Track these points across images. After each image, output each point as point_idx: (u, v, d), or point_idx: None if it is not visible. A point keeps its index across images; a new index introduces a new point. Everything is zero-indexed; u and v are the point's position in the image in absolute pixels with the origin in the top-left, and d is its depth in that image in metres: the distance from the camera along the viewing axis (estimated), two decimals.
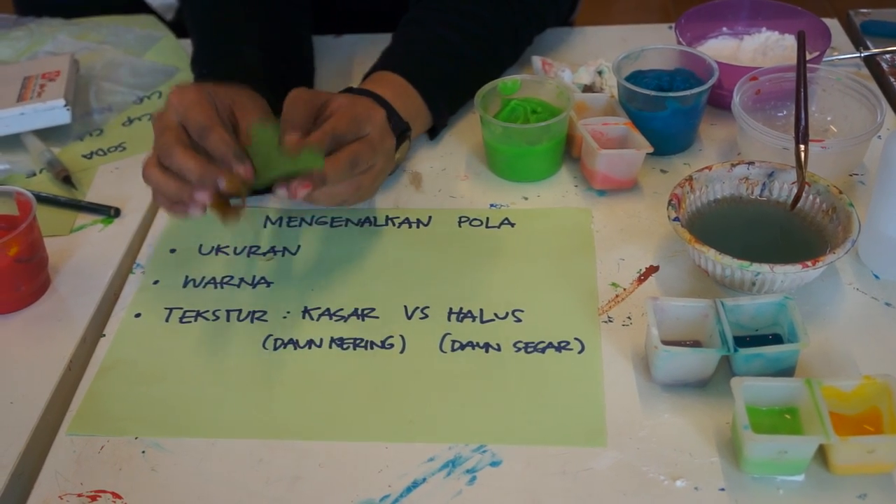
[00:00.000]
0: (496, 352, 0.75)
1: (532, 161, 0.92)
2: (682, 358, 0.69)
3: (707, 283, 0.80)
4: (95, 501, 0.66)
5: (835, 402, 0.65)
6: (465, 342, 0.76)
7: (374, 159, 0.81)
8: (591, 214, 0.88)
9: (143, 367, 0.76)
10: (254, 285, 0.84)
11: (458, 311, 0.79)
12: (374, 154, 0.80)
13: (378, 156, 0.81)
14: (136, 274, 0.86)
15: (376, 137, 0.81)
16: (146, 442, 0.70)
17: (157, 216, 0.93)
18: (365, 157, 0.79)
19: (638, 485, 0.64)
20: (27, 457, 0.70)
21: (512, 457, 0.67)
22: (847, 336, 0.74)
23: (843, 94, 0.92)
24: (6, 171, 0.99)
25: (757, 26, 1.08)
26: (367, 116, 0.80)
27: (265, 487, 0.66)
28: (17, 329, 0.81)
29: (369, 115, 0.81)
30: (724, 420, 0.68)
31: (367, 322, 0.79)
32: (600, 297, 0.79)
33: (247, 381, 0.75)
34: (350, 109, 0.80)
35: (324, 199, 0.79)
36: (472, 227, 0.88)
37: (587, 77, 1.02)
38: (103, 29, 1.22)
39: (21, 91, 1.02)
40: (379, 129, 0.81)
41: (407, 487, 0.65)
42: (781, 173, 0.82)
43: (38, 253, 0.82)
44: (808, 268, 0.72)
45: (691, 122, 0.95)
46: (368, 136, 0.80)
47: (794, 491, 0.63)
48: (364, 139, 0.79)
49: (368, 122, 0.80)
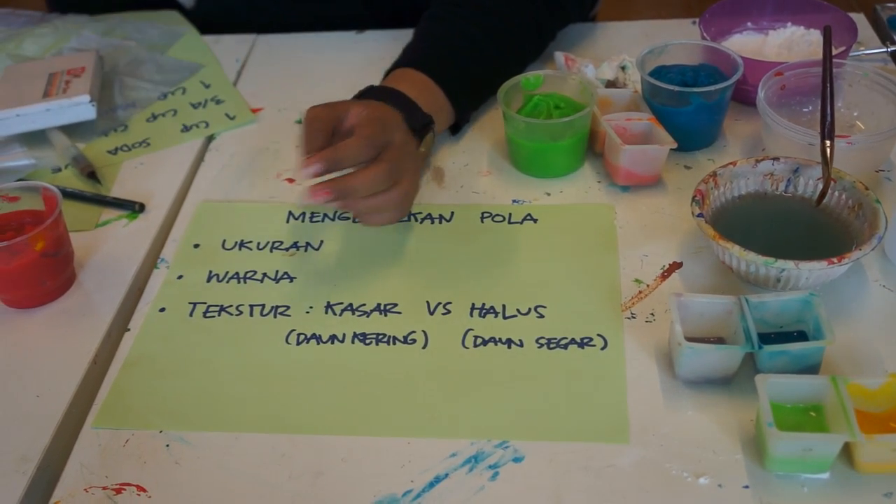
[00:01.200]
0: (518, 348, 0.75)
1: (555, 157, 0.92)
2: (706, 355, 0.68)
3: (731, 280, 0.79)
4: (120, 494, 0.66)
5: (860, 400, 0.64)
6: (488, 338, 0.76)
7: (407, 164, 0.82)
8: (614, 210, 0.88)
9: (167, 361, 0.77)
10: (277, 280, 0.84)
11: (481, 306, 0.79)
12: (404, 158, 0.81)
13: (409, 159, 0.83)
14: (161, 269, 0.86)
15: (402, 141, 0.82)
16: (170, 436, 0.71)
17: (180, 212, 0.93)
18: (398, 162, 0.80)
19: (661, 482, 0.64)
20: (53, 450, 0.71)
21: (534, 453, 0.67)
22: (873, 333, 0.74)
23: (870, 89, 0.92)
24: (32, 167, 1.00)
25: (782, 21, 1.07)
26: (391, 121, 0.82)
27: (288, 482, 0.66)
28: (43, 323, 0.81)
29: (392, 119, 0.82)
30: (748, 417, 0.68)
31: (389, 317, 0.79)
32: (623, 294, 0.79)
33: (270, 375, 0.75)
34: (373, 114, 0.81)
35: (368, 211, 0.82)
36: (494, 222, 0.88)
37: (610, 72, 1.01)
38: (127, 25, 1.23)
39: (47, 87, 1.03)
40: (403, 132, 0.83)
41: (429, 483, 0.65)
42: (807, 169, 0.81)
43: (63, 248, 0.83)
44: (834, 264, 0.72)
45: (715, 118, 0.94)
46: (395, 141, 0.81)
47: (818, 489, 0.63)
48: (393, 146, 0.81)
49: (393, 127, 0.82)
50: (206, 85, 1.13)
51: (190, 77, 1.14)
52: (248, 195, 0.95)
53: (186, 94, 1.12)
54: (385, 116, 0.82)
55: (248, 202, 0.93)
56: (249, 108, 1.08)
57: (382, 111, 0.83)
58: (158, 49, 1.19)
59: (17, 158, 1.01)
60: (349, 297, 0.81)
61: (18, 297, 0.82)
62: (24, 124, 1.01)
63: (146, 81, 1.13)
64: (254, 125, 1.06)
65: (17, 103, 1.00)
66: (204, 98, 1.11)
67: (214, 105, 1.09)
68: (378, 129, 0.81)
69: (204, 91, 1.12)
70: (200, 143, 1.04)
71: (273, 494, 0.66)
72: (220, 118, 1.07)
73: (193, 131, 1.05)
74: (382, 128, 0.81)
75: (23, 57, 1.16)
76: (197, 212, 0.92)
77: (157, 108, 1.09)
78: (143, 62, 1.16)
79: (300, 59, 1.16)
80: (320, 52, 1.17)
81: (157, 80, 1.13)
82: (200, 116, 1.07)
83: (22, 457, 0.70)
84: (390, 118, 0.83)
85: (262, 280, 0.84)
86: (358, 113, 0.82)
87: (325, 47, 1.18)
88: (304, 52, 1.18)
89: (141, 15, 1.25)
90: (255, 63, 1.18)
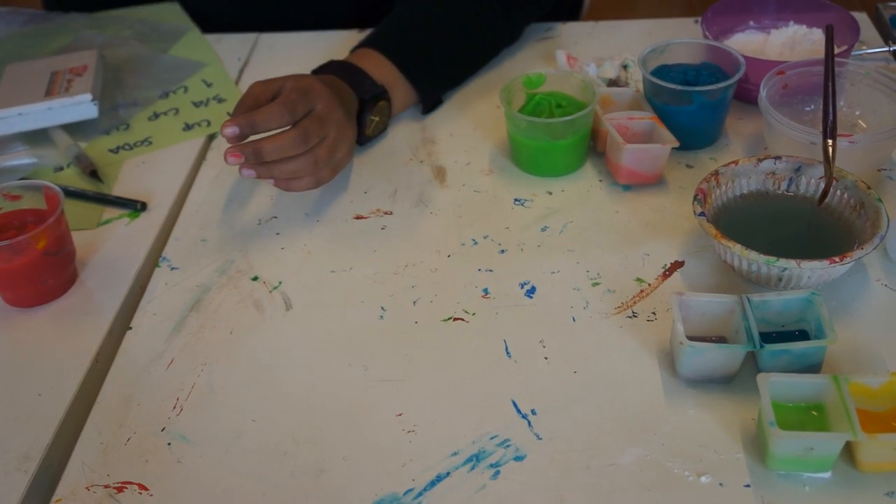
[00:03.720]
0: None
1: (557, 155, 0.92)
2: (708, 354, 0.68)
3: (733, 279, 0.79)
4: (122, 493, 0.67)
5: (862, 399, 0.64)
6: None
7: (325, 131, 0.85)
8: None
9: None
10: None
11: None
12: (322, 126, 0.85)
13: (329, 127, 0.85)
14: (163, 267, 0.86)
15: (324, 110, 0.85)
16: (172, 434, 0.71)
17: (182, 210, 0.93)
18: (314, 129, 0.84)
19: (662, 480, 0.64)
20: (55, 448, 0.71)
21: (536, 451, 0.67)
22: (875, 332, 0.74)
23: (872, 88, 0.91)
24: (34, 166, 1.00)
25: (784, 20, 1.07)
26: (314, 91, 0.86)
27: (289, 480, 0.67)
28: (45, 322, 0.82)
29: (319, 90, 0.86)
30: (750, 416, 0.68)
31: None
32: (625, 293, 0.79)
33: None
34: (299, 84, 0.85)
35: (284, 176, 0.85)
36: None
37: (612, 71, 1.01)
38: (129, 24, 1.23)
39: (49, 86, 1.03)
40: (325, 101, 0.86)
41: (431, 481, 0.65)
42: (809, 168, 0.81)
43: (65, 246, 0.83)
44: (836, 263, 0.72)
45: (717, 117, 0.94)
46: (317, 110, 0.85)
47: (820, 488, 0.63)
48: (313, 114, 0.85)
49: (316, 96, 0.85)
50: (207, 83, 1.13)
51: (192, 76, 1.14)
52: (249, 194, 0.95)
53: (188, 92, 1.12)
54: (311, 87, 0.86)
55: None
56: None
57: (310, 82, 0.87)
58: (160, 48, 1.19)
59: (19, 157, 1.01)
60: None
61: (20, 295, 0.82)
62: (26, 123, 1.01)
63: (148, 80, 1.13)
64: None
65: (19, 102, 1.00)
66: (206, 97, 1.11)
67: (216, 104, 1.09)
68: (298, 97, 0.84)
69: (206, 90, 1.12)
70: (202, 141, 1.04)
71: (275, 493, 0.66)
72: (223, 117, 1.07)
73: (195, 130, 1.05)
74: (303, 96, 0.84)
75: (25, 56, 1.16)
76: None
77: (159, 107, 1.10)
78: (145, 61, 1.16)
79: (302, 57, 1.16)
80: (322, 50, 1.17)
81: (159, 79, 1.14)
82: (202, 115, 1.07)
83: (24, 455, 0.70)
84: (317, 89, 0.86)
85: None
86: (289, 85, 0.86)
87: (326, 46, 1.18)
88: (306, 50, 1.18)
89: (142, 9, 1.25)
90: (256, 62, 1.18)
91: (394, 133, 1.02)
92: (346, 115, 0.89)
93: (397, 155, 0.99)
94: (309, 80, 0.87)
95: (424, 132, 1.02)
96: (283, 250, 0.87)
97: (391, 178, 0.95)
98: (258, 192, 0.95)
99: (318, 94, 0.86)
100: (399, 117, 1.04)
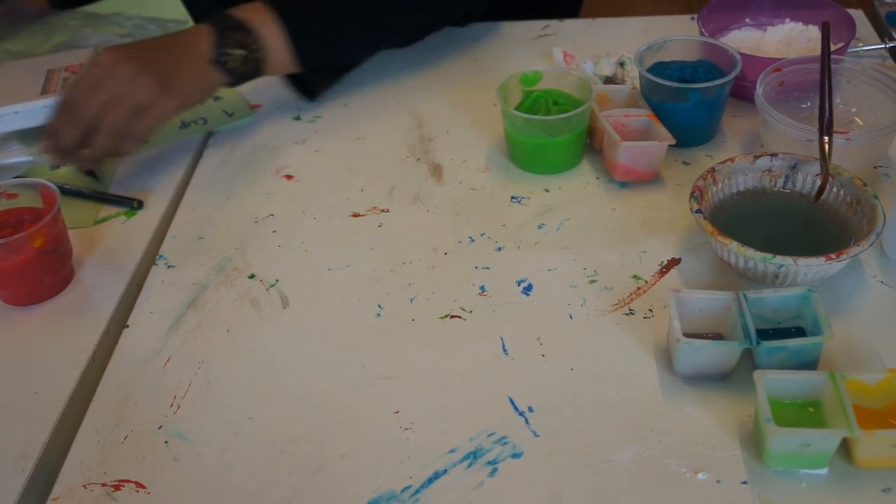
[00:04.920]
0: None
1: (553, 153, 0.92)
2: (704, 351, 0.68)
3: (729, 276, 0.79)
4: (119, 491, 0.66)
5: (859, 396, 0.64)
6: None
7: (111, 92, 0.87)
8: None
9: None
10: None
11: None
12: (96, 90, 0.87)
13: (114, 84, 0.87)
14: (159, 265, 0.86)
15: (99, 74, 0.87)
16: (169, 432, 0.71)
17: (179, 208, 0.93)
18: (78, 98, 0.87)
19: (660, 477, 0.64)
20: (52, 447, 0.71)
21: (533, 449, 0.67)
22: (871, 329, 0.74)
23: (868, 85, 0.92)
24: (30, 164, 1.00)
25: (780, 17, 1.07)
26: (89, 58, 0.88)
27: (287, 478, 0.67)
28: (42, 320, 0.81)
29: (91, 55, 0.89)
30: (747, 413, 0.68)
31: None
32: (622, 290, 0.79)
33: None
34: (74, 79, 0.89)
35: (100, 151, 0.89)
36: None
37: (609, 68, 1.01)
38: (126, 22, 1.22)
39: (45, 84, 1.03)
40: (92, 58, 0.89)
41: (428, 479, 0.66)
42: (805, 165, 0.81)
43: (62, 245, 0.83)
44: (832, 260, 0.72)
45: (714, 114, 0.94)
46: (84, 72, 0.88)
47: (817, 484, 0.63)
48: (81, 82, 0.88)
49: (90, 61, 0.88)
50: None
51: None
52: (245, 192, 0.95)
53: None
54: (83, 69, 0.88)
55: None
56: (248, 105, 1.08)
57: (84, 66, 0.89)
58: None
59: (15, 155, 1.01)
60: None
61: (17, 293, 0.82)
62: (22, 121, 1.00)
63: None
64: (252, 122, 1.06)
65: (15, 100, 1.00)
66: None
67: (213, 102, 1.09)
68: (70, 90, 0.88)
69: None
70: (199, 139, 1.04)
71: (272, 491, 0.66)
72: (219, 115, 1.07)
73: (192, 128, 1.05)
74: (75, 85, 0.88)
75: (21, 54, 1.16)
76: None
77: None
78: None
79: None
80: None
81: None
82: (199, 113, 1.07)
83: (21, 454, 0.70)
84: (89, 57, 0.90)
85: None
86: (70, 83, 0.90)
87: None
88: None
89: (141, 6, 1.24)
90: None
91: (390, 130, 1.02)
92: (142, 65, 0.88)
93: (394, 152, 0.99)
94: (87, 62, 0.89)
95: (421, 130, 1.02)
96: (279, 248, 0.87)
97: (388, 175, 0.95)
98: (255, 190, 0.95)
99: (89, 56, 0.88)
100: (395, 114, 1.04)
